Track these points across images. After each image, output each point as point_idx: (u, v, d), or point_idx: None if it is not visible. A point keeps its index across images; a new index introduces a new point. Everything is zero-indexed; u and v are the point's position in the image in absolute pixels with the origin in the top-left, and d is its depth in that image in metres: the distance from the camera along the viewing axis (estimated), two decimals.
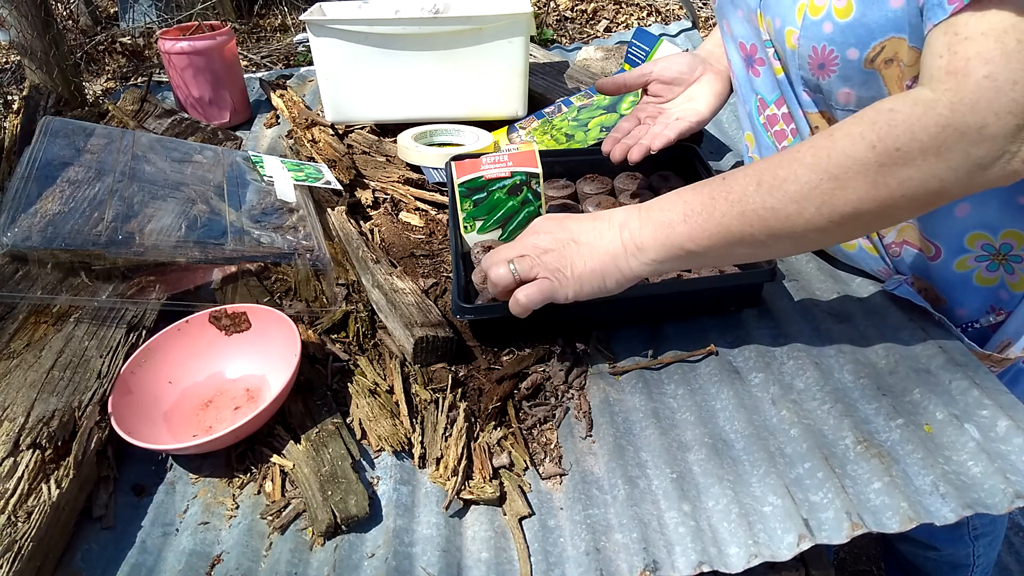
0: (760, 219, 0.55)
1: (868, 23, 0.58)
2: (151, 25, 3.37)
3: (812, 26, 0.61)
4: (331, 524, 0.56)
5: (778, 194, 0.54)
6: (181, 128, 1.10)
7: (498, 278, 0.63)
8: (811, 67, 0.63)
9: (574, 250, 0.62)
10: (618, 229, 0.61)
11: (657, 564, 0.52)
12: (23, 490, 0.55)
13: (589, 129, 1.08)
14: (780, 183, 0.54)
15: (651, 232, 0.59)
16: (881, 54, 0.59)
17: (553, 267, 0.62)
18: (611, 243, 0.60)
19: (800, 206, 0.53)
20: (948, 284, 0.73)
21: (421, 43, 1.08)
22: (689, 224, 0.57)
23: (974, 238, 0.69)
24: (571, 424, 0.66)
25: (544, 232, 0.64)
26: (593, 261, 0.61)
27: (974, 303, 0.73)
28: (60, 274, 0.73)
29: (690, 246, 0.58)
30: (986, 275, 0.71)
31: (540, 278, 0.62)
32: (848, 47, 0.59)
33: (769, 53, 0.70)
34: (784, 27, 0.63)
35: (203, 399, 0.69)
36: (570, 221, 0.64)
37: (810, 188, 0.53)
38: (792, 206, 0.53)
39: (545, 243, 0.63)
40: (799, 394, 0.66)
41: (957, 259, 0.70)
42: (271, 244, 0.78)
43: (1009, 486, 0.54)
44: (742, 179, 0.56)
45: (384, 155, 1.11)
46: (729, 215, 0.56)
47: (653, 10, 3.72)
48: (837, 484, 0.56)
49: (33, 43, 1.32)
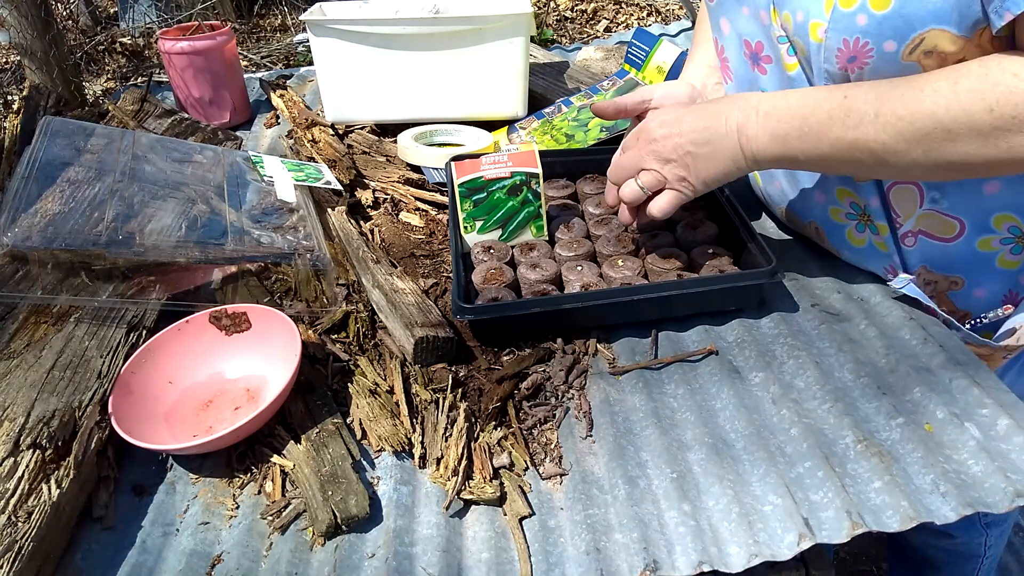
0: (870, 150, 0.59)
1: (907, 15, 0.57)
2: (151, 25, 3.37)
3: (843, 18, 0.60)
4: (331, 524, 0.56)
5: (891, 131, 0.57)
6: (181, 128, 1.10)
7: (630, 195, 0.71)
8: (839, 60, 0.62)
9: (694, 159, 0.67)
10: (736, 133, 0.65)
11: (657, 564, 0.52)
12: (23, 490, 0.55)
13: (589, 129, 1.08)
14: (896, 121, 0.57)
15: (767, 142, 0.64)
16: (921, 46, 0.58)
17: (679, 176, 0.68)
18: (730, 149, 0.66)
19: (910, 146, 0.57)
20: (967, 264, 0.72)
21: (421, 43, 1.08)
22: (804, 141, 0.62)
23: (1001, 219, 0.68)
24: (571, 424, 0.66)
25: (662, 140, 0.68)
26: (715, 166, 0.67)
27: (993, 285, 0.73)
28: (60, 274, 0.73)
29: (802, 158, 0.63)
30: (1009, 258, 0.71)
31: (668, 188, 0.70)
32: (885, 39, 0.59)
33: (781, 49, 0.69)
34: (808, 20, 0.63)
35: (203, 399, 0.69)
36: (685, 120, 0.68)
37: (923, 134, 0.56)
38: (903, 144, 0.57)
39: (665, 151, 0.68)
40: (799, 393, 0.66)
41: (980, 238, 0.70)
42: (271, 244, 0.78)
43: (1009, 485, 0.54)
44: (862, 104, 0.59)
45: (384, 155, 1.11)
46: (843, 140, 0.60)
47: (653, 10, 3.72)
48: (837, 483, 0.56)
49: (33, 43, 1.33)
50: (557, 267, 0.78)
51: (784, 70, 0.70)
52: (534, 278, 0.77)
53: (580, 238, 0.84)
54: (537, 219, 0.84)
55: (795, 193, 0.81)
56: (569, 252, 0.81)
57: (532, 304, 0.71)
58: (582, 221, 0.88)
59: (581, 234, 0.85)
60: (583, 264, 0.79)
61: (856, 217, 0.75)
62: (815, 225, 0.81)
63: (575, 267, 0.78)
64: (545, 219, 0.84)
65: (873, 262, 0.78)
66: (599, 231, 0.84)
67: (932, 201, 0.69)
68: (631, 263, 0.78)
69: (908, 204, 0.70)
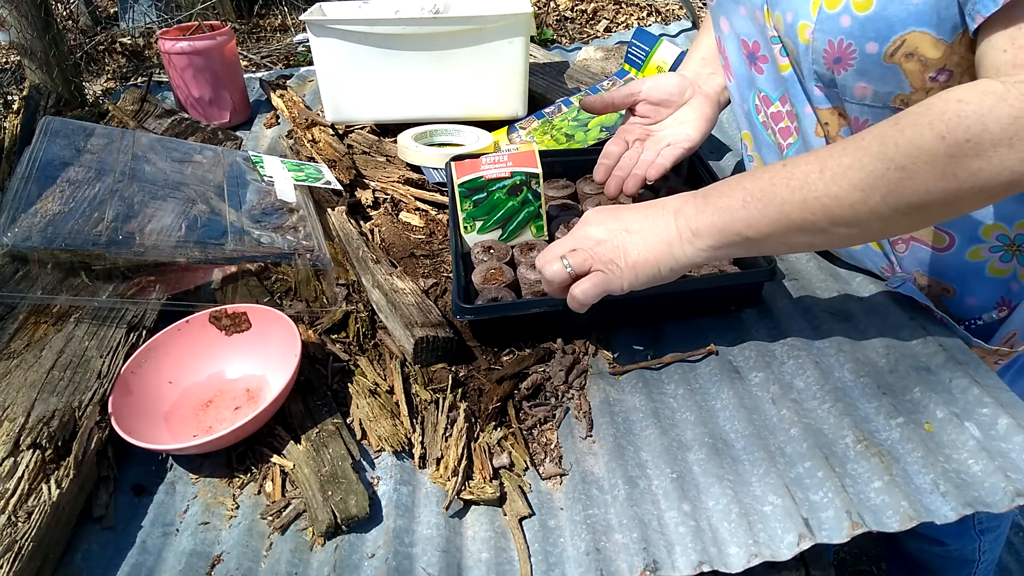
0: (823, 207, 0.54)
1: (888, 16, 0.57)
2: (151, 25, 3.37)
3: (828, 20, 0.60)
4: (331, 524, 0.56)
5: (842, 182, 0.53)
6: (181, 128, 1.10)
7: (552, 275, 0.63)
8: (826, 61, 0.63)
9: (627, 239, 0.61)
10: (672, 215, 0.61)
11: (657, 564, 0.52)
12: (23, 490, 0.55)
13: (589, 129, 1.08)
14: (845, 171, 0.53)
15: (708, 218, 0.58)
16: (901, 48, 0.58)
17: (607, 259, 0.62)
18: (665, 230, 0.60)
19: (865, 195, 0.52)
20: (959, 274, 0.72)
21: (421, 43, 1.08)
22: (748, 210, 0.57)
23: (990, 229, 0.68)
24: (571, 424, 0.66)
25: (596, 223, 0.64)
26: (647, 249, 0.60)
27: (984, 293, 0.73)
28: (60, 274, 0.73)
29: (748, 232, 0.57)
30: (999, 265, 0.71)
31: (594, 271, 0.62)
32: (867, 41, 0.59)
33: (775, 50, 0.69)
34: (797, 21, 0.63)
35: (203, 399, 0.69)
36: (623, 211, 0.64)
37: (876, 177, 0.52)
38: (857, 194, 0.53)
39: (597, 234, 0.63)
40: (799, 393, 0.66)
41: (971, 248, 0.70)
42: (271, 244, 0.78)
43: (1009, 484, 0.54)
44: (804, 166, 0.55)
45: (384, 155, 1.11)
46: (791, 202, 0.55)
47: (653, 10, 3.72)
48: (837, 483, 0.56)
49: (33, 43, 1.32)
50: None
51: (779, 70, 0.71)
52: (534, 278, 0.77)
53: None
54: (537, 219, 0.84)
55: None
56: None
57: (532, 304, 0.71)
58: None
59: None
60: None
61: None
62: None
63: None
64: (545, 219, 0.84)
65: (869, 262, 0.78)
66: None
67: None
68: None
69: None
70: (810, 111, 0.70)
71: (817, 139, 0.71)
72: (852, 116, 0.66)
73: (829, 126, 0.69)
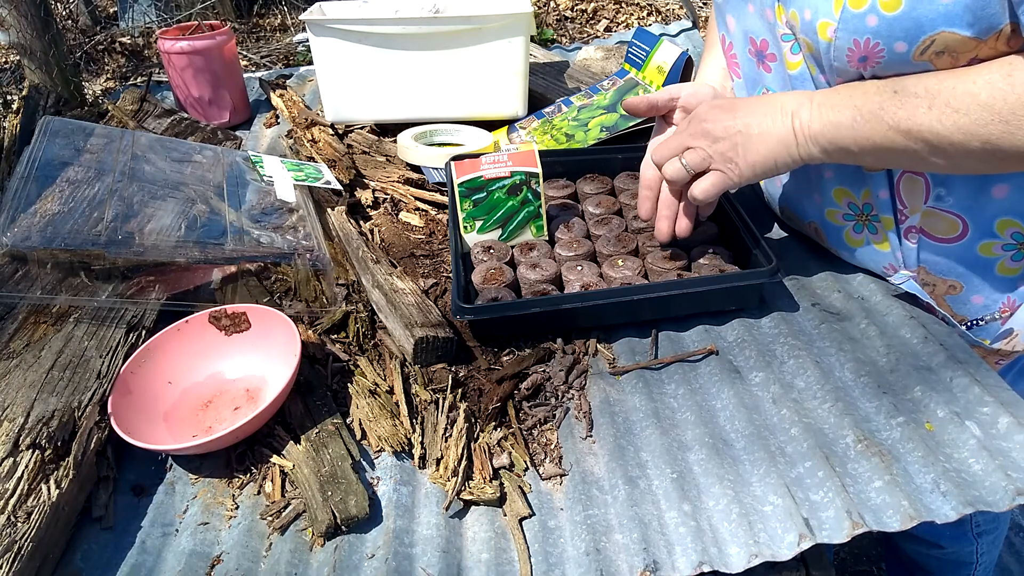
0: (924, 140, 0.58)
1: (918, 17, 0.56)
2: (151, 25, 3.37)
3: (853, 19, 0.59)
4: (331, 525, 0.56)
5: (947, 122, 0.56)
6: (181, 128, 1.10)
7: (673, 174, 0.68)
8: (850, 60, 0.62)
9: (745, 139, 0.65)
10: (790, 117, 0.64)
11: (657, 564, 0.52)
12: (23, 490, 0.55)
13: (589, 129, 1.08)
14: (952, 113, 0.56)
15: (820, 128, 0.62)
16: (932, 47, 0.58)
17: (726, 157, 0.66)
18: (782, 130, 0.64)
19: (967, 137, 0.56)
20: (967, 268, 0.72)
21: (421, 43, 1.08)
22: (856, 129, 0.61)
23: (1005, 224, 0.68)
24: (571, 424, 0.66)
25: (713, 120, 0.66)
26: (766, 148, 0.65)
27: (992, 292, 0.72)
28: (60, 274, 0.73)
29: (854, 148, 0.62)
30: (1010, 264, 0.70)
31: (713, 170, 0.67)
32: (895, 40, 0.58)
33: (784, 48, 0.69)
34: (816, 19, 0.62)
35: (203, 399, 0.69)
36: (739, 106, 0.66)
37: (980, 126, 0.55)
38: (959, 135, 0.56)
39: (716, 131, 0.66)
40: (799, 393, 0.66)
41: (983, 242, 0.69)
42: (271, 244, 0.78)
43: (1010, 483, 0.54)
44: (912, 98, 0.58)
45: (384, 155, 1.11)
46: (896, 130, 0.59)
47: (653, 10, 3.72)
48: (838, 483, 0.55)
49: (33, 43, 1.32)
50: (557, 267, 0.78)
51: (787, 69, 0.70)
52: (534, 278, 0.77)
53: (580, 238, 0.84)
54: (537, 219, 0.84)
55: (794, 193, 0.81)
56: (569, 252, 0.81)
57: (532, 304, 0.71)
58: (582, 221, 0.87)
59: (581, 234, 0.85)
60: (583, 264, 0.79)
61: (854, 218, 0.75)
62: (814, 225, 0.81)
63: (575, 267, 0.78)
64: (545, 219, 0.84)
65: (872, 263, 0.78)
66: (599, 231, 0.84)
67: (937, 198, 0.68)
68: (631, 263, 0.78)
69: (915, 198, 0.70)
70: None
71: None
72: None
73: None
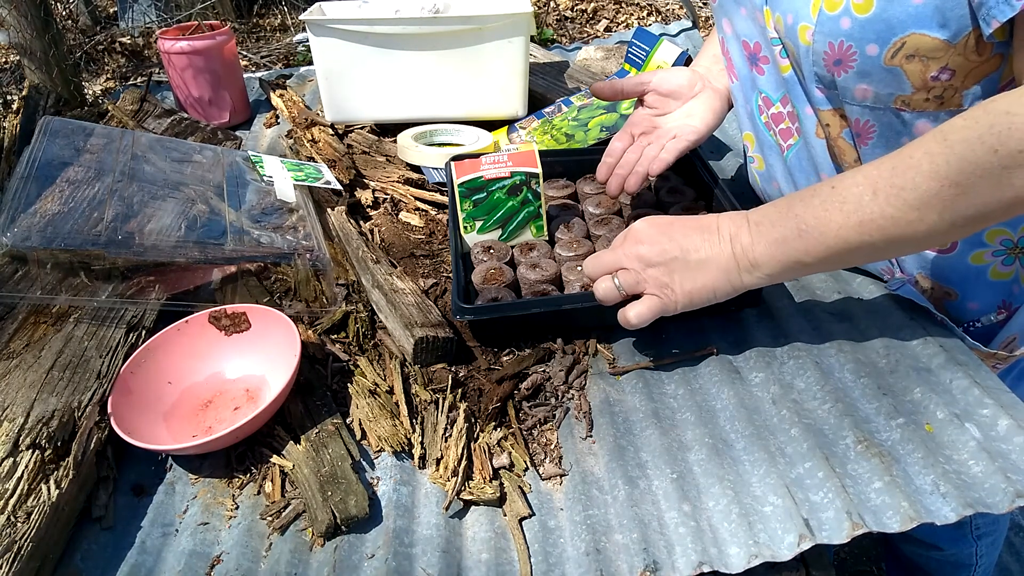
0: (879, 228, 0.55)
1: (888, 18, 0.57)
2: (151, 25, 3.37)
3: (828, 21, 0.60)
4: (331, 525, 0.56)
5: (896, 203, 0.53)
6: (181, 128, 1.10)
7: (603, 293, 0.65)
8: (826, 63, 0.62)
9: (682, 265, 0.62)
10: (729, 243, 0.61)
11: (657, 564, 0.52)
12: (23, 490, 0.55)
13: (589, 129, 1.08)
14: (898, 192, 0.53)
15: (764, 248, 0.59)
16: (902, 50, 0.58)
17: (661, 283, 0.62)
18: (722, 257, 0.61)
19: (921, 213, 0.53)
20: (961, 277, 0.72)
21: (421, 43, 1.08)
22: (805, 239, 0.57)
23: (994, 233, 0.68)
24: (571, 424, 0.66)
25: (648, 242, 0.63)
26: (705, 277, 0.61)
27: (986, 297, 0.73)
28: (60, 274, 0.73)
29: (806, 259, 0.58)
30: (1001, 269, 0.70)
31: (648, 294, 0.63)
32: (867, 43, 0.59)
33: (775, 51, 0.69)
34: (797, 23, 0.62)
35: (203, 399, 0.69)
36: (675, 230, 0.63)
37: (931, 196, 0.52)
38: (913, 213, 0.53)
39: (650, 255, 0.63)
40: (799, 394, 0.66)
41: (973, 252, 0.70)
42: (271, 244, 0.78)
43: (1010, 485, 0.54)
44: (854, 188, 0.56)
45: (384, 155, 1.11)
46: (846, 226, 0.56)
47: (653, 10, 3.72)
48: (838, 484, 0.55)
49: (33, 43, 1.32)
50: (557, 267, 0.78)
51: (779, 71, 0.70)
52: (534, 278, 0.77)
53: (580, 238, 0.84)
54: (537, 219, 0.84)
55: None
56: (569, 252, 0.81)
57: (532, 304, 0.71)
58: (582, 221, 0.87)
59: (581, 234, 0.85)
60: (583, 264, 0.79)
61: None
62: None
63: (575, 267, 0.78)
64: (545, 219, 0.84)
65: (870, 265, 0.78)
66: (599, 231, 0.84)
67: None
68: None
69: None
70: (811, 112, 0.70)
71: (818, 140, 0.71)
72: (852, 118, 0.66)
73: (830, 127, 0.69)
